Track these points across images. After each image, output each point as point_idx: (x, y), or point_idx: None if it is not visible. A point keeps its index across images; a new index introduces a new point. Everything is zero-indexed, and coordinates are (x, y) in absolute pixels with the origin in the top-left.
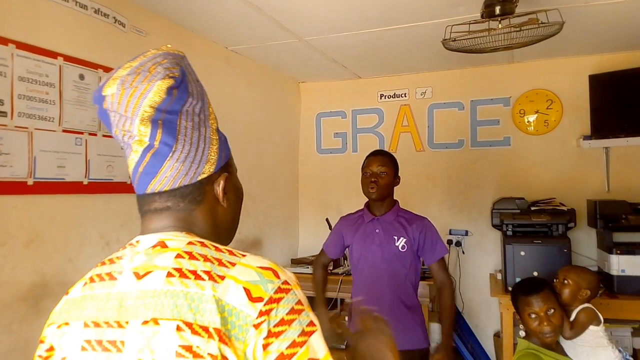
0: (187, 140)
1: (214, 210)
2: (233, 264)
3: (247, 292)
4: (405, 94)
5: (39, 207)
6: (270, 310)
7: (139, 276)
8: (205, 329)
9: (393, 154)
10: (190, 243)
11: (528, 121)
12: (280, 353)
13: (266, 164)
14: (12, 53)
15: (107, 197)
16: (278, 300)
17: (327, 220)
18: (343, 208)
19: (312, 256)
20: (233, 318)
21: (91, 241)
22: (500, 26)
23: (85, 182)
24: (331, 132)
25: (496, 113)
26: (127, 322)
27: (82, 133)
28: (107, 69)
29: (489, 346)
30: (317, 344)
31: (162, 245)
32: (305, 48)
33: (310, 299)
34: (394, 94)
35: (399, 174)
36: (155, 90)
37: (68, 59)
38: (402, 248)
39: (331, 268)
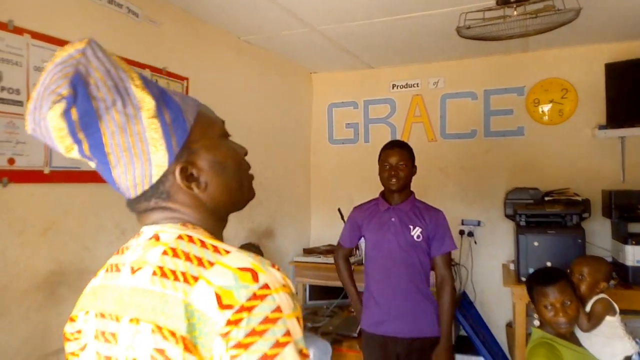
0: (120, 149)
1: (194, 197)
2: (212, 264)
3: (218, 297)
4: (417, 84)
5: (55, 195)
6: (240, 320)
7: (133, 271)
8: (173, 334)
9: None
10: (179, 237)
11: (542, 111)
12: None
13: (278, 155)
14: (27, 43)
15: None
16: (250, 309)
17: (339, 210)
18: (355, 198)
19: (324, 246)
20: (201, 325)
21: (107, 230)
22: (515, 13)
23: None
24: (343, 123)
25: (510, 103)
26: (121, 317)
27: None
28: (122, 59)
29: (501, 336)
30: (291, 356)
31: (157, 238)
32: (318, 38)
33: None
34: (406, 84)
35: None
36: (52, 126)
37: None
38: (417, 237)
39: None
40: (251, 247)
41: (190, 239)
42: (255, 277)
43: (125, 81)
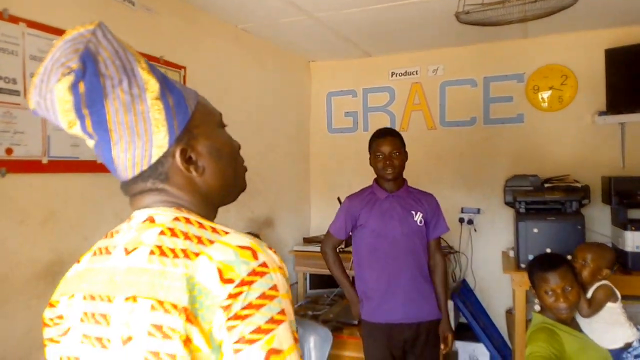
0: (123, 127)
1: (191, 181)
2: (212, 242)
3: (220, 272)
4: (416, 71)
5: (54, 185)
6: (240, 293)
7: (127, 252)
8: (175, 307)
9: (404, 133)
10: (176, 219)
11: (542, 97)
12: (242, 336)
13: (277, 144)
14: (22, 32)
15: None
16: (250, 283)
17: (338, 199)
18: (354, 187)
19: (324, 235)
20: (202, 297)
21: (106, 220)
22: None
23: (99, 161)
24: (342, 111)
25: (509, 89)
26: (114, 297)
27: None
28: None
29: (501, 323)
30: (285, 335)
31: (151, 220)
32: (316, 25)
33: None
34: (405, 72)
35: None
36: (59, 98)
37: None
38: (420, 222)
39: (343, 247)
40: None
41: (188, 220)
42: (254, 255)
43: (132, 63)
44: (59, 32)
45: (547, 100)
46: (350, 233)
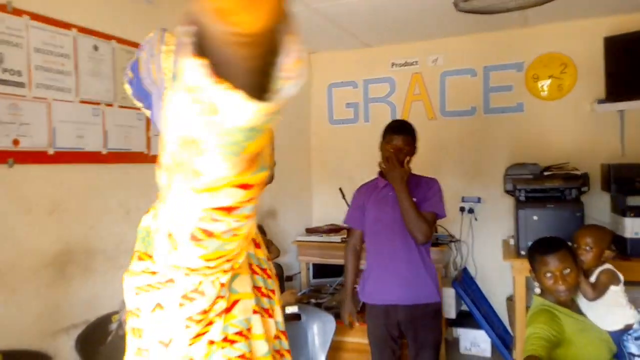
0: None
1: None
2: None
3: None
4: (416, 62)
5: (60, 176)
6: None
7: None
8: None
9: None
10: None
11: (541, 86)
12: None
13: (278, 135)
14: (26, 24)
15: (125, 167)
16: None
17: (340, 189)
18: (355, 178)
19: (327, 225)
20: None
21: (111, 210)
22: None
23: (104, 152)
24: (343, 103)
25: (509, 79)
26: None
27: (98, 104)
28: (120, 40)
29: (501, 310)
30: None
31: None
32: (315, 16)
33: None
34: (405, 62)
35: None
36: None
37: (82, 30)
38: None
39: (345, 236)
40: None
41: None
42: None
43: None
44: (63, 24)
45: (547, 89)
46: None
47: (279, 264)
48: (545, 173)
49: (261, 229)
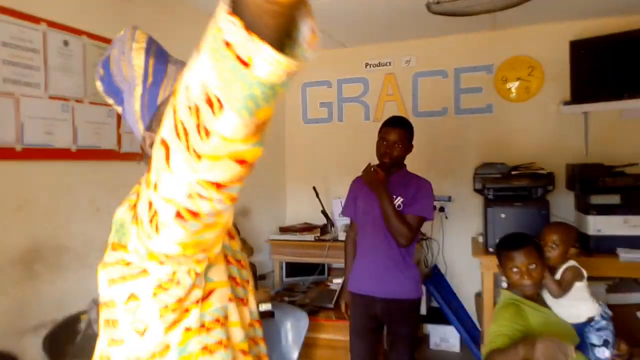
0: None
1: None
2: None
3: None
4: (390, 62)
5: (28, 173)
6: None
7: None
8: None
9: (377, 123)
10: None
11: (510, 88)
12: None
13: None
14: None
15: (95, 164)
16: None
17: (314, 188)
18: (329, 177)
19: (300, 224)
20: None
21: (81, 207)
22: None
23: (74, 148)
24: (317, 102)
25: (479, 80)
26: None
27: (68, 100)
28: (92, 36)
29: (470, 306)
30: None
31: None
32: None
33: (296, 265)
34: (379, 63)
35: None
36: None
37: (52, 24)
38: (398, 207)
39: (318, 235)
40: None
41: None
42: None
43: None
44: (32, 18)
45: (515, 90)
46: None
47: (252, 262)
48: (513, 172)
49: (235, 228)
